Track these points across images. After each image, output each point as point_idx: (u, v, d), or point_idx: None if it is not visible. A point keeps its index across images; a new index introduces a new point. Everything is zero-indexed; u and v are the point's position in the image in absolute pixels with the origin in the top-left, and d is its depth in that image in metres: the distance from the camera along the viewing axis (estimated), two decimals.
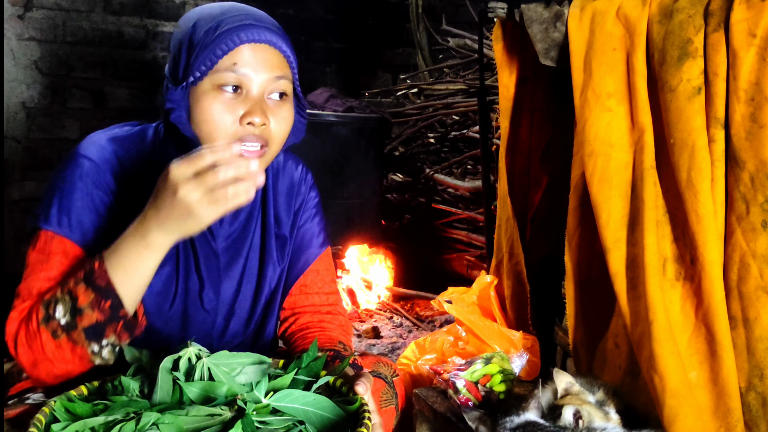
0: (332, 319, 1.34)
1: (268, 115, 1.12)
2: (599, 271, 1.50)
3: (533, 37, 1.61)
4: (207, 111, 1.09)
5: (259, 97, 1.12)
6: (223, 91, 1.10)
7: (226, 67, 1.09)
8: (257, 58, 1.11)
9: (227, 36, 1.10)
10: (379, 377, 1.24)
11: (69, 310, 1.00)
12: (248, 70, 1.11)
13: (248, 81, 1.11)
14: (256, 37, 1.11)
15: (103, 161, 1.14)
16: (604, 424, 1.23)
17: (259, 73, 1.11)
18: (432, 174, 3.54)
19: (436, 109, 3.60)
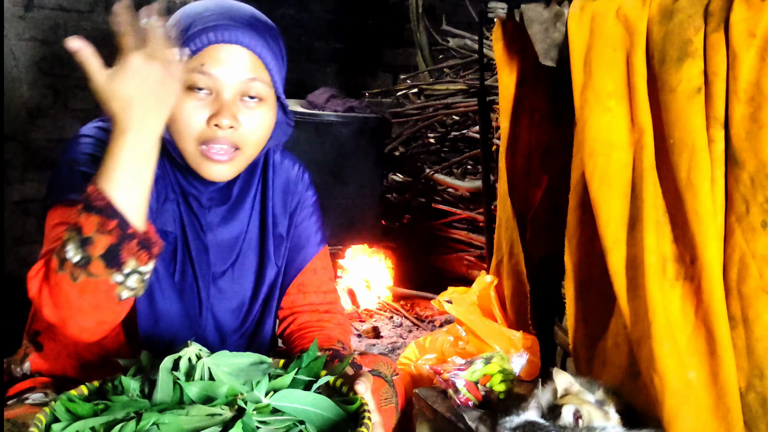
0: (331, 318, 1.34)
1: (240, 118, 1.11)
2: (599, 271, 1.50)
3: (533, 37, 1.61)
4: (177, 112, 1.08)
5: (230, 100, 1.10)
6: (194, 93, 1.09)
7: (194, 68, 1.08)
8: (226, 59, 1.09)
9: (196, 36, 1.09)
10: (379, 376, 1.23)
11: (79, 245, 0.94)
12: (216, 71, 1.09)
13: (217, 83, 1.09)
14: (226, 37, 1.09)
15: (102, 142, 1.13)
16: (604, 423, 1.23)
17: (229, 75, 1.10)
18: (432, 174, 3.54)
19: (436, 109, 3.60)
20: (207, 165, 1.11)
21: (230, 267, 1.24)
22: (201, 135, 1.09)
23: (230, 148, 1.11)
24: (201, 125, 1.09)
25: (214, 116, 1.08)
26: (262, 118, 1.14)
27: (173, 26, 1.13)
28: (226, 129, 1.09)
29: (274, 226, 1.28)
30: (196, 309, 1.22)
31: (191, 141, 1.10)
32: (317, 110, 3.15)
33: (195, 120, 1.09)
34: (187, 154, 1.12)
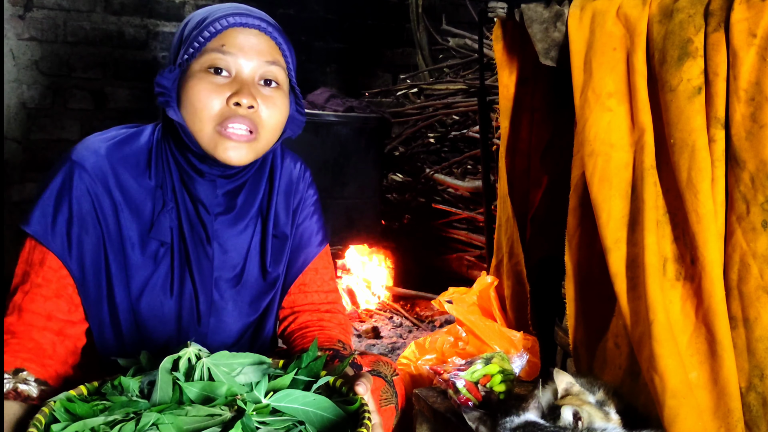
0: (331, 318, 1.34)
1: (258, 100, 1.11)
2: (599, 271, 1.50)
3: (533, 37, 1.61)
4: (194, 92, 1.09)
5: (248, 80, 1.11)
6: (212, 74, 1.09)
7: (214, 48, 1.09)
8: (246, 41, 1.11)
9: (216, 21, 1.10)
10: (378, 376, 1.23)
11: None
12: (236, 51, 1.10)
13: (236, 63, 1.10)
14: (245, 21, 1.11)
15: (95, 169, 1.13)
16: (604, 424, 1.23)
17: (248, 56, 1.11)
18: (432, 174, 3.54)
19: (436, 109, 3.60)
20: (224, 145, 1.10)
21: (235, 274, 1.24)
22: (220, 114, 1.09)
23: (248, 128, 1.11)
24: (221, 105, 1.09)
25: (235, 95, 1.09)
26: (280, 103, 1.14)
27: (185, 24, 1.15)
28: (245, 108, 1.10)
29: (276, 226, 1.28)
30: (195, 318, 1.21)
31: (209, 122, 1.09)
32: (317, 110, 3.15)
33: (215, 100, 1.09)
34: (202, 136, 1.11)
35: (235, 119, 1.09)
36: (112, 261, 1.14)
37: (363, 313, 3.13)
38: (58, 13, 3.42)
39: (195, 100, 1.09)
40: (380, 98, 4.11)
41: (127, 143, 1.18)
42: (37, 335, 1.08)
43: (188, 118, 1.10)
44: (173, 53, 1.16)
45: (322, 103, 3.19)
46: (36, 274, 1.10)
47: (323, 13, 4.04)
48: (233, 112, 1.09)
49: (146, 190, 1.16)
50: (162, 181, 1.17)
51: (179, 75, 1.13)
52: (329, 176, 3.10)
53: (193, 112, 1.10)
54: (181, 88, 1.11)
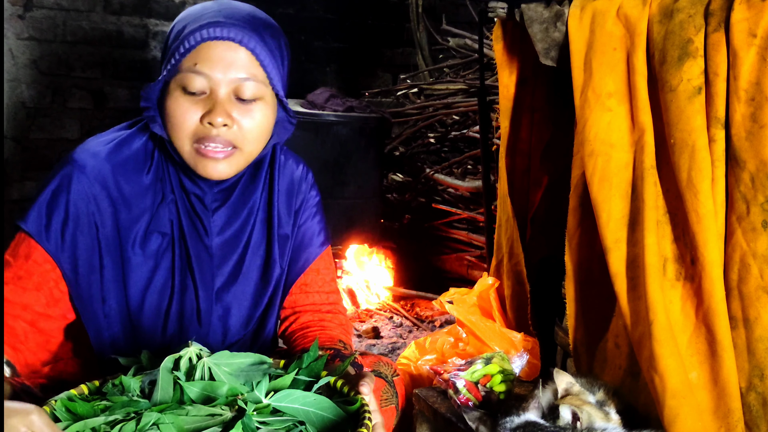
0: (333, 318, 1.34)
1: (235, 116, 1.10)
2: (599, 271, 1.50)
3: (533, 37, 1.61)
4: (171, 110, 1.09)
5: (224, 98, 1.09)
6: (184, 93, 1.09)
7: (188, 68, 1.08)
8: (219, 57, 1.08)
9: (190, 35, 1.08)
10: (379, 376, 1.24)
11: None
12: (209, 70, 1.08)
13: (210, 81, 1.09)
14: (218, 34, 1.08)
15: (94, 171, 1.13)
16: (604, 424, 1.23)
17: (222, 73, 1.09)
18: (432, 174, 3.53)
19: (436, 109, 3.60)
20: (203, 163, 1.11)
21: (235, 270, 1.24)
22: (195, 133, 1.09)
23: (225, 146, 1.11)
24: (195, 123, 1.09)
25: (207, 114, 1.08)
26: (260, 116, 1.12)
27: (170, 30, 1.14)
28: (220, 127, 1.09)
29: (279, 227, 1.28)
30: (195, 316, 1.21)
31: (186, 140, 1.10)
32: (317, 110, 3.14)
33: (189, 119, 1.09)
34: (183, 152, 1.12)
35: (209, 138, 1.10)
36: (109, 262, 1.14)
37: (363, 313, 3.13)
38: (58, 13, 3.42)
39: (172, 118, 1.10)
40: (380, 98, 4.10)
41: (125, 144, 1.18)
42: (10, 321, 1.08)
43: (170, 133, 1.12)
44: (161, 62, 1.16)
45: (322, 103, 3.19)
46: (19, 267, 1.09)
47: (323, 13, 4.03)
48: (207, 132, 1.09)
49: (145, 188, 1.17)
50: (162, 175, 1.18)
51: (161, 90, 1.13)
52: (329, 176, 3.10)
53: (172, 129, 1.11)
54: (162, 104, 1.12)
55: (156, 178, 1.17)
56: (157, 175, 1.18)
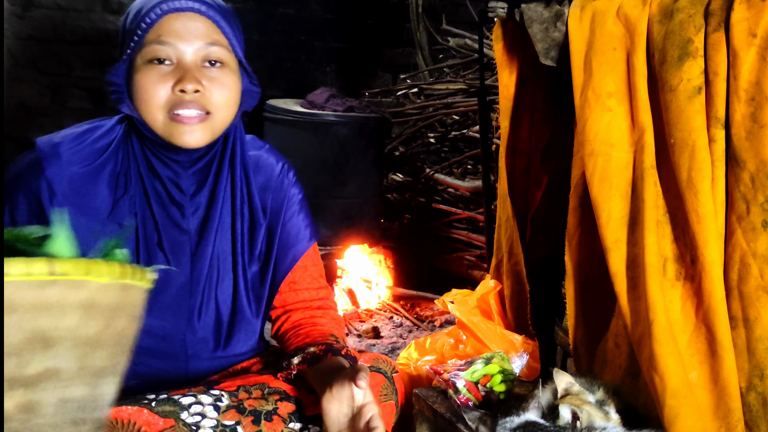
0: (324, 314, 1.34)
1: (204, 83, 1.13)
2: (599, 271, 1.50)
3: (533, 37, 1.61)
4: (141, 85, 1.12)
5: (191, 65, 1.13)
6: (155, 65, 1.12)
7: (153, 40, 1.11)
8: (182, 27, 1.12)
9: (150, 10, 1.11)
10: (378, 372, 1.24)
11: None
12: (174, 39, 1.12)
13: (176, 51, 1.12)
14: (178, 5, 1.12)
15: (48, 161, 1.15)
16: (604, 423, 1.23)
17: (187, 41, 1.12)
18: (432, 174, 3.53)
19: (436, 109, 3.60)
20: (180, 130, 1.13)
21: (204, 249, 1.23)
22: (168, 102, 1.12)
23: (200, 110, 1.14)
24: (167, 93, 1.12)
25: (178, 82, 1.12)
26: (227, 81, 1.16)
27: (125, 15, 1.16)
28: (192, 93, 1.12)
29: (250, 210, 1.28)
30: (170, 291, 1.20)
31: (159, 110, 1.13)
32: (317, 110, 3.14)
33: (160, 89, 1.12)
34: (157, 125, 1.14)
35: (183, 105, 1.13)
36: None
37: (363, 313, 3.13)
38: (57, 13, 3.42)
39: (143, 93, 1.12)
40: (380, 98, 4.10)
41: (86, 135, 1.20)
42: None
43: (141, 110, 1.14)
44: (119, 48, 1.17)
45: (322, 103, 3.18)
46: None
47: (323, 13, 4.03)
48: (180, 99, 1.12)
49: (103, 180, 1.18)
50: (126, 169, 1.19)
51: (126, 69, 1.15)
52: (329, 176, 3.09)
53: (143, 104, 1.13)
54: (129, 82, 1.14)
55: (120, 172, 1.19)
56: (121, 169, 1.19)
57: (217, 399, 1.12)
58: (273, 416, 1.13)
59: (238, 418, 1.11)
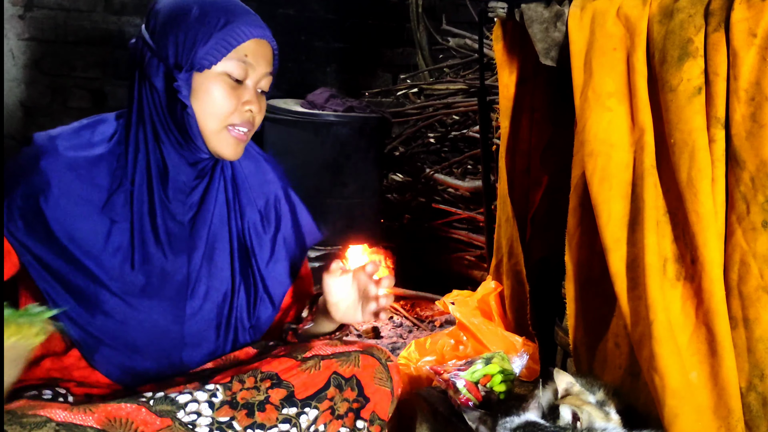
0: None
1: (259, 103, 1.23)
2: (600, 271, 1.50)
3: (533, 37, 1.61)
4: (214, 95, 1.18)
5: (254, 88, 1.22)
6: (229, 79, 1.18)
7: (238, 57, 1.18)
8: (260, 53, 1.21)
9: (238, 29, 1.18)
10: (371, 356, 1.25)
11: None
12: (256, 63, 1.20)
13: (252, 72, 1.20)
14: (260, 33, 1.21)
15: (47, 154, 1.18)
16: (604, 424, 1.23)
17: (260, 67, 1.21)
18: (432, 174, 3.53)
19: (436, 109, 3.60)
20: (230, 143, 1.22)
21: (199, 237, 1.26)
22: (232, 116, 1.20)
23: (248, 129, 1.23)
24: (234, 108, 1.19)
25: (248, 102, 1.21)
26: (264, 106, 1.27)
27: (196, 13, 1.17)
28: (254, 114, 1.22)
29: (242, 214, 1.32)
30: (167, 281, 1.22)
31: (219, 121, 1.20)
32: (317, 110, 3.14)
33: (231, 104, 1.19)
34: (210, 131, 1.20)
35: (243, 123, 1.21)
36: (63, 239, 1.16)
37: None
38: (59, 13, 3.42)
39: (214, 101, 1.18)
40: (380, 98, 4.10)
41: (84, 129, 1.24)
42: None
43: (201, 112, 1.18)
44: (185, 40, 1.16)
45: (322, 103, 3.18)
46: None
47: (323, 13, 4.03)
48: (243, 117, 1.21)
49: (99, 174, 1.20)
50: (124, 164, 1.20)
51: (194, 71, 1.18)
52: (329, 176, 3.09)
53: (209, 110, 1.19)
54: (197, 86, 1.18)
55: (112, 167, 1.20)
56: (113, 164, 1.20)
57: (212, 395, 1.13)
58: (266, 405, 1.14)
59: (232, 413, 1.12)
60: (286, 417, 1.14)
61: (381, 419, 1.23)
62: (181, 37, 1.17)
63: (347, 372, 1.20)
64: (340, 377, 1.20)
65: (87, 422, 1.00)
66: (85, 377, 1.20)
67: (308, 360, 1.20)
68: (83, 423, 1.00)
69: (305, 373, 1.18)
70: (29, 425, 0.96)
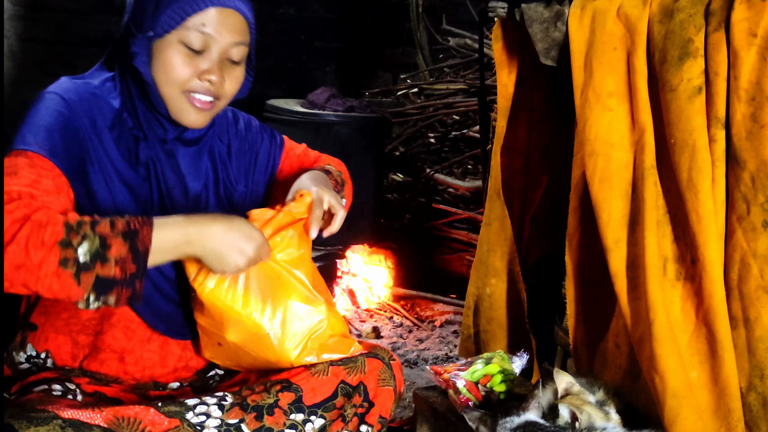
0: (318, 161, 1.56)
1: (224, 75, 1.20)
2: (600, 271, 1.50)
3: (533, 37, 1.61)
4: (169, 62, 1.17)
5: (219, 58, 1.19)
6: (186, 47, 1.17)
7: (194, 26, 1.16)
8: (224, 22, 1.18)
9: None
10: (376, 358, 1.26)
11: (94, 253, 1.00)
12: (214, 31, 1.17)
13: (212, 42, 1.18)
14: (224, 2, 1.17)
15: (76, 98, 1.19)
16: (604, 424, 1.23)
17: (223, 37, 1.18)
18: (432, 174, 3.53)
19: (436, 109, 3.60)
20: (188, 110, 1.20)
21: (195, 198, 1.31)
22: (189, 84, 1.18)
23: (212, 98, 1.21)
24: (189, 76, 1.18)
25: (206, 72, 1.18)
26: (239, 75, 1.25)
27: None
28: (215, 84, 1.19)
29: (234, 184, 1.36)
30: None
31: (177, 87, 1.18)
32: (317, 110, 3.14)
33: (185, 71, 1.18)
34: (169, 99, 1.20)
35: (201, 90, 1.19)
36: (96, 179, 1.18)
37: (363, 313, 3.13)
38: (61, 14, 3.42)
39: (169, 68, 1.17)
40: (380, 98, 4.10)
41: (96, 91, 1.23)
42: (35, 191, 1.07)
43: (159, 80, 1.18)
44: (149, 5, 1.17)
45: (322, 102, 3.18)
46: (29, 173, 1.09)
47: (323, 13, 4.03)
48: (201, 86, 1.19)
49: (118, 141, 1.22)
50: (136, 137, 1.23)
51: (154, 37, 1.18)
52: None
53: (165, 78, 1.18)
54: (155, 53, 1.18)
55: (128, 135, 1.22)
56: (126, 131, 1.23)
57: (222, 399, 1.13)
58: (274, 409, 1.14)
59: (241, 415, 1.12)
60: (292, 423, 1.15)
61: (383, 418, 1.24)
62: (149, 3, 1.18)
63: (354, 380, 1.22)
64: (348, 386, 1.21)
65: (94, 420, 1.00)
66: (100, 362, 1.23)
67: (317, 364, 1.21)
68: (90, 421, 1.00)
69: (314, 377, 1.19)
70: (36, 420, 0.96)
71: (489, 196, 1.93)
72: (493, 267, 1.90)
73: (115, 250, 1.01)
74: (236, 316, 1.17)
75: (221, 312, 1.17)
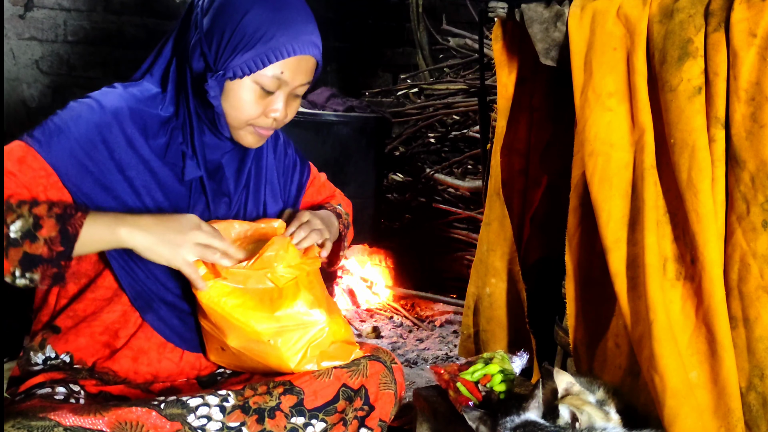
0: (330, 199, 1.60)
1: (287, 109, 1.25)
2: (600, 270, 1.50)
3: (533, 37, 1.61)
4: (240, 100, 1.20)
5: (287, 97, 1.23)
6: (260, 89, 1.20)
7: (273, 74, 1.19)
8: (299, 68, 1.21)
9: (281, 45, 1.17)
10: (378, 361, 1.27)
11: (24, 231, 1.04)
12: (289, 77, 1.20)
13: (284, 85, 1.21)
14: (304, 50, 1.20)
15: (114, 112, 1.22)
16: (604, 423, 1.23)
17: (296, 80, 1.22)
18: (432, 174, 3.54)
19: (436, 109, 3.60)
20: (249, 137, 1.26)
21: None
22: (254, 119, 1.23)
23: (273, 129, 1.29)
24: (261, 112, 1.22)
25: (273, 111, 1.23)
26: (298, 105, 1.29)
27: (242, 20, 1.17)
28: (278, 119, 1.24)
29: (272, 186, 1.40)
30: None
31: (246, 120, 1.23)
32: (317, 110, 3.14)
33: (256, 111, 1.22)
34: (234, 128, 1.24)
35: (266, 125, 1.24)
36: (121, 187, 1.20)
37: (363, 313, 3.13)
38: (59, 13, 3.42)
39: (240, 106, 1.20)
40: (380, 98, 4.10)
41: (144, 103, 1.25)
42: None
43: (228, 113, 1.21)
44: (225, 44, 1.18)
45: (323, 102, 3.19)
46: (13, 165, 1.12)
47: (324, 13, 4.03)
48: (268, 122, 1.24)
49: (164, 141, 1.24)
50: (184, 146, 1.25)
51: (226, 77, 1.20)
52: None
53: (234, 113, 1.21)
54: (228, 88, 1.20)
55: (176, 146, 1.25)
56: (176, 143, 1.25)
57: (224, 399, 1.13)
58: (276, 412, 1.14)
59: (242, 418, 1.12)
60: (293, 426, 1.15)
61: (383, 421, 1.24)
62: (225, 38, 1.17)
63: (356, 383, 1.22)
64: (349, 390, 1.21)
65: (97, 426, 1.01)
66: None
67: None
68: (93, 427, 1.00)
69: (317, 380, 1.20)
70: (37, 429, 0.97)
71: (489, 196, 1.93)
72: (493, 267, 1.90)
73: (45, 230, 1.05)
74: (236, 322, 1.17)
75: (221, 318, 1.18)
